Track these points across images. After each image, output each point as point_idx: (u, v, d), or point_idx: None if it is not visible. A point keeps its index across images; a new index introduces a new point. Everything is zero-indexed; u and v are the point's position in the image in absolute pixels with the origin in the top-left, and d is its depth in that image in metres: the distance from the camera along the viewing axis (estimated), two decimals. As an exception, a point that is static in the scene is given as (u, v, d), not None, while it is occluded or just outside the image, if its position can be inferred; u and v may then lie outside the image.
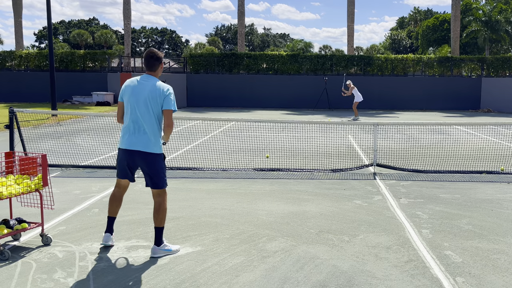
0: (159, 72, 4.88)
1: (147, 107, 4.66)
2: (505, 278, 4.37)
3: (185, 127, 16.60)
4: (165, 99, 4.67)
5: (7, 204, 5.56)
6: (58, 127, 16.59)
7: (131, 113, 4.72)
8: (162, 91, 4.69)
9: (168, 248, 4.86)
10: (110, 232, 5.02)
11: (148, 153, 4.67)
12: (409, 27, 75.96)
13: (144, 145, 4.67)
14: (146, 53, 4.86)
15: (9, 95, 30.18)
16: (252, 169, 9.41)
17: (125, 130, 4.79)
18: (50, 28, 21.32)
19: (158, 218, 4.82)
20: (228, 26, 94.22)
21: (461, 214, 6.44)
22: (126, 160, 4.79)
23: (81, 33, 72.97)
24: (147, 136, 4.67)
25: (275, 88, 29.91)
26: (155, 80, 4.79)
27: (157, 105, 4.68)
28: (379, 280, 4.29)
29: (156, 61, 4.82)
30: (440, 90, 29.84)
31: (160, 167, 4.75)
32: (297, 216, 6.25)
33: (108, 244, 4.98)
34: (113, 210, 5.04)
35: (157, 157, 4.72)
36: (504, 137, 15.01)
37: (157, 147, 4.72)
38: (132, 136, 4.71)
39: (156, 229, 4.85)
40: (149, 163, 4.71)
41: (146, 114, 4.66)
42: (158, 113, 4.70)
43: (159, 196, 4.83)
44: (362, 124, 16.16)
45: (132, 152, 4.71)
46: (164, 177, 4.80)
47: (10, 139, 8.91)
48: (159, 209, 4.81)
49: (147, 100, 4.66)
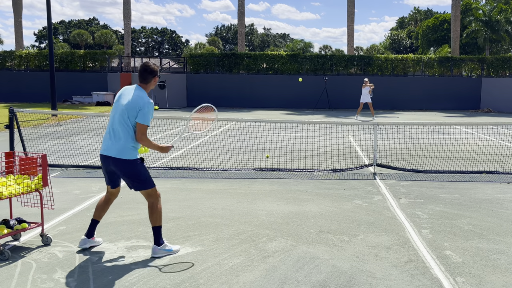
0: (151, 85, 4.90)
1: (122, 115, 4.70)
2: (505, 278, 4.37)
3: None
4: (140, 112, 4.67)
5: (7, 204, 5.56)
6: (58, 127, 16.59)
7: (111, 119, 4.82)
8: (140, 103, 4.68)
9: (169, 248, 4.87)
10: (88, 235, 5.01)
11: (120, 159, 4.70)
12: (409, 27, 75.96)
13: (117, 152, 4.70)
14: (141, 65, 4.90)
15: (9, 95, 30.17)
16: (252, 169, 9.41)
17: (104, 136, 4.88)
18: (50, 28, 21.32)
19: (153, 218, 4.85)
20: (228, 26, 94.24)
21: (461, 214, 6.44)
22: (104, 165, 4.88)
23: (81, 33, 72.99)
24: (121, 143, 4.69)
25: (275, 88, 29.91)
26: (142, 92, 4.79)
27: (132, 116, 4.68)
28: (379, 280, 4.29)
29: (150, 74, 4.84)
30: (440, 90, 29.83)
31: (136, 172, 4.75)
32: (297, 216, 6.25)
33: (83, 247, 4.97)
34: (98, 214, 5.06)
35: (130, 163, 4.72)
36: (504, 137, 15.01)
37: (130, 153, 4.71)
38: (107, 142, 4.79)
39: (153, 228, 4.86)
40: (122, 169, 4.74)
41: (122, 123, 4.70)
42: (133, 124, 4.71)
43: (150, 197, 4.85)
44: (362, 124, 16.17)
45: (106, 158, 4.78)
46: (145, 179, 4.78)
47: (10, 139, 8.91)
48: (152, 208, 4.84)
49: (125, 109, 4.69)
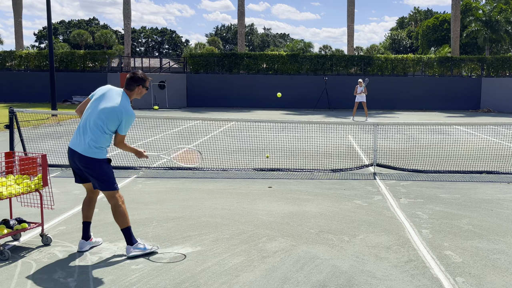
0: (134, 93, 4.88)
1: (101, 119, 4.66)
2: (505, 278, 4.37)
3: (185, 127, 16.60)
4: (121, 123, 4.67)
5: (7, 204, 5.56)
6: (58, 127, 16.59)
7: (86, 116, 4.76)
8: (123, 116, 4.66)
9: (142, 247, 4.82)
10: (85, 238, 4.97)
11: (86, 157, 4.66)
12: (409, 27, 75.95)
13: (83, 149, 4.66)
14: (129, 73, 4.92)
15: (9, 95, 30.18)
16: (252, 169, 9.41)
17: (76, 129, 4.83)
18: (50, 28, 21.31)
19: (119, 221, 4.80)
20: (228, 26, 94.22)
21: (461, 214, 6.44)
22: (70, 158, 4.81)
23: (81, 33, 72.99)
24: (89, 140, 4.65)
25: (275, 88, 29.85)
26: (126, 101, 4.77)
27: (110, 122, 4.65)
28: (379, 280, 4.29)
29: (134, 82, 4.84)
30: (440, 90, 29.82)
31: (101, 172, 4.70)
32: (297, 216, 6.25)
33: (83, 250, 4.91)
34: (85, 215, 4.99)
35: (95, 162, 4.67)
36: (504, 137, 15.01)
37: (97, 152, 4.68)
38: (77, 137, 4.74)
39: (122, 231, 4.82)
40: (87, 167, 4.69)
41: (97, 125, 4.66)
42: (108, 129, 4.68)
43: (112, 199, 4.78)
44: (362, 124, 16.17)
45: (73, 152, 4.73)
46: (109, 180, 4.73)
47: (10, 139, 8.91)
48: (115, 212, 4.79)
49: (105, 114, 4.66)
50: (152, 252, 4.86)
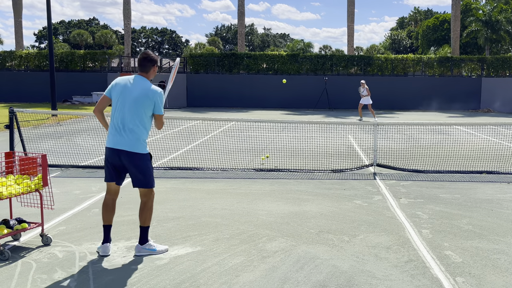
0: (151, 74, 4.87)
1: (135, 108, 4.65)
2: (505, 278, 4.37)
3: (185, 127, 16.59)
4: (156, 103, 4.70)
5: (7, 204, 5.55)
6: (58, 127, 16.59)
7: (119, 112, 4.70)
8: (154, 94, 4.69)
9: (152, 248, 4.83)
10: (108, 241, 4.85)
11: (133, 153, 4.66)
12: (409, 27, 75.91)
13: (129, 145, 4.65)
14: (140, 54, 4.87)
15: (9, 95, 30.17)
16: (252, 169, 9.41)
17: (111, 129, 4.76)
18: (50, 28, 21.31)
19: (143, 217, 4.81)
20: (228, 26, 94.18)
21: (461, 214, 6.44)
22: (112, 159, 4.74)
23: (81, 33, 72.94)
24: (133, 136, 4.65)
25: (275, 88, 29.90)
26: (147, 82, 4.77)
27: (146, 107, 4.67)
28: (379, 280, 4.29)
29: (149, 62, 4.82)
30: (440, 90, 29.82)
31: (147, 167, 4.74)
32: (297, 216, 6.25)
33: (107, 255, 4.80)
34: (108, 218, 4.87)
35: (142, 157, 4.70)
36: (504, 137, 15.00)
37: (143, 147, 4.71)
38: (117, 135, 4.69)
39: (141, 228, 4.83)
40: (135, 162, 4.68)
41: (133, 115, 4.65)
42: (146, 115, 4.69)
43: (145, 196, 4.83)
44: (362, 124, 16.17)
45: (117, 151, 4.68)
46: (151, 176, 4.79)
47: (10, 139, 8.91)
48: (144, 208, 4.81)
49: (135, 101, 4.65)
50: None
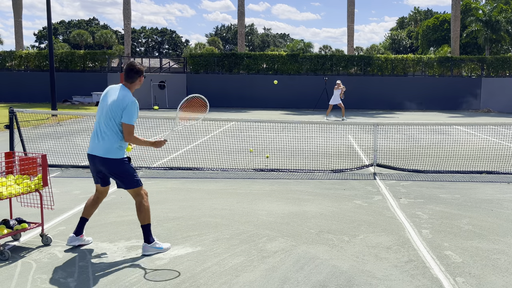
0: (136, 84, 4.93)
1: (108, 115, 4.74)
2: (505, 278, 4.37)
3: (185, 127, 16.58)
4: (124, 111, 4.72)
5: (7, 204, 5.56)
6: (58, 127, 16.59)
7: (98, 119, 4.87)
8: (124, 103, 4.72)
9: (159, 246, 4.92)
10: (76, 233, 5.03)
11: (106, 158, 4.75)
12: (409, 27, 75.90)
13: (103, 151, 4.75)
14: (127, 65, 4.94)
15: (9, 95, 30.17)
16: (252, 169, 9.41)
17: (92, 135, 4.92)
18: (50, 28, 21.31)
19: (140, 217, 4.90)
20: (228, 26, 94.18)
21: (461, 214, 6.44)
22: (91, 164, 4.93)
23: (81, 33, 72.94)
24: (105, 143, 4.74)
25: (275, 88, 29.88)
26: (126, 91, 4.82)
27: (116, 115, 4.73)
28: (379, 280, 4.29)
29: (136, 74, 4.89)
30: (440, 90, 29.82)
31: (123, 170, 4.81)
32: (297, 216, 6.25)
33: (71, 245, 4.99)
34: (87, 212, 5.08)
35: (116, 162, 4.77)
36: (504, 137, 15.01)
37: (116, 153, 4.77)
38: (94, 141, 4.83)
39: (142, 227, 4.92)
40: (109, 168, 4.79)
41: (107, 122, 4.75)
42: (118, 123, 4.75)
43: (137, 196, 4.90)
44: (362, 124, 16.17)
45: (93, 157, 4.83)
46: (132, 177, 4.84)
47: (10, 139, 8.91)
48: (140, 207, 4.90)
49: (109, 109, 4.75)
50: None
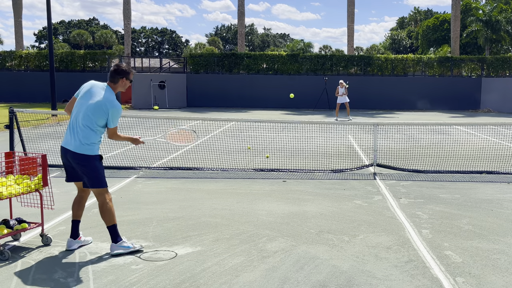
0: (118, 86, 4.95)
1: (89, 114, 4.73)
2: (505, 278, 4.37)
3: (185, 127, 16.58)
4: (109, 117, 4.74)
5: (7, 204, 5.55)
6: (58, 127, 16.60)
7: (74, 114, 4.84)
8: (108, 107, 4.73)
9: (127, 245, 4.86)
10: (73, 236, 5.01)
11: (78, 154, 4.74)
12: (409, 27, 75.91)
13: (75, 146, 4.74)
14: (113, 65, 4.98)
15: (9, 95, 30.17)
16: (252, 169, 9.41)
17: (67, 128, 4.91)
18: (50, 28, 21.31)
19: (105, 218, 4.86)
20: (228, 26, 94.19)
21: (461, 214, 6.44)
22: (63, 157, 4.89)
23: (81, 33, 72.96)
24: (79, 138, 4.73)
25: (275, 88, 29.91)
26: (111, 94, 4.84)
27: (98, 117, 4.72)
28: (379, 280, 4.29)
29: (117, 75, 4.91)
30: (440, 90, 29.83)
31: (92, 168, 4.78)
32: (297, 216, 6.25)
33: (71, 249, 4.96)
34: (75, 213, 5.05)
35: (87, 159, 4.75)
36: (504, 137, 15.01)
37: (88, 149, 4.75)
38: (68, 135, 4.83)
39: (108, 228, 4.87)
40: (80, 163, 4.77)
41: (85, 120, 4.74)
42: (97, 123, 4.75)
43: (100, 196, 4.87)
44: (362, 124, 16.17)
45: (65, 150, 4.82)
46: (99, 177, 4.81)
47: (10, 139, 8.91)
48: (102, 208, 4.85)
49: (91, 110, 4.73)
50: (137, 251, 4.88)
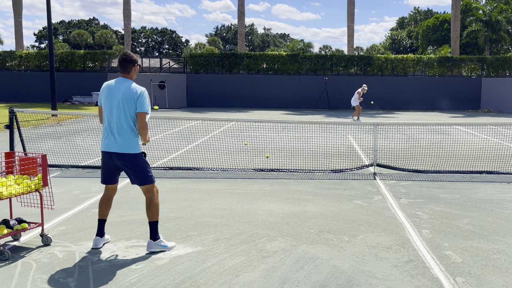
0: (133, 74, 4.94)
1: (121, 109, 4.75)
2: (505, 278, 4.37)
3: (185, 127, 16.60)
4: (138, 101, 4.75)
5: (7, 204, 5.56)
6: (58, 127, 16.60)
7: (107, 116, 4.85)
8: (135, 93, 4.75)
9: (164, 244, 4.94)
10: (100, 235, 5.06)
11: (124, 154, 4.77)
12: (409, 27, 75.91)
13: (119, 147, 4.76)
14: (120, 55, 4.95)
15: (9, 95, 30.19)
16: (252, 169, 9.41)
17: (103, 132, 4.92)
18: (50, 28, 21.32)
19: (150, 213, 4.92)
20: (228, 26, 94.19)
21: (461, 214, 6.44)
22: (106, 161, 4.91)
23: (81, 33, 72.91)
24: (121, 138, 4.76)
25: (275, 88, 29.92)
26: (130, 82, 4.85)
27: (131, 107, 4.75)
28: (379, 280, 4.29)
29: (129, 63, 4.89)
30: (440, 90, 29.85)
31: (140, 166, 4.83)
32: (297, 216, 6.24)
33: (98, 247, 5.00)
34: (102, 213, 5.08)
35: (134, 157, 4.80)
36: (504, 137, 15.01)
37: (133, 147, 4.79)
38: (108, 138, 4.83)
39: (150, 223, 4.94)
40: (127, 163, 4.80)
41: (120, 117, 4.76)
42: (132, 115, 4.77)
43: (148, 192, 4.92)
44: (362, 124, 16.17)
45: (109, 154, 4.83)
46: (147, 173, 4.87)
47: (10, 139, 8.91)
48: (150, 204, 4.91)
49: (120, 103, 4.75)
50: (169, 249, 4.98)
